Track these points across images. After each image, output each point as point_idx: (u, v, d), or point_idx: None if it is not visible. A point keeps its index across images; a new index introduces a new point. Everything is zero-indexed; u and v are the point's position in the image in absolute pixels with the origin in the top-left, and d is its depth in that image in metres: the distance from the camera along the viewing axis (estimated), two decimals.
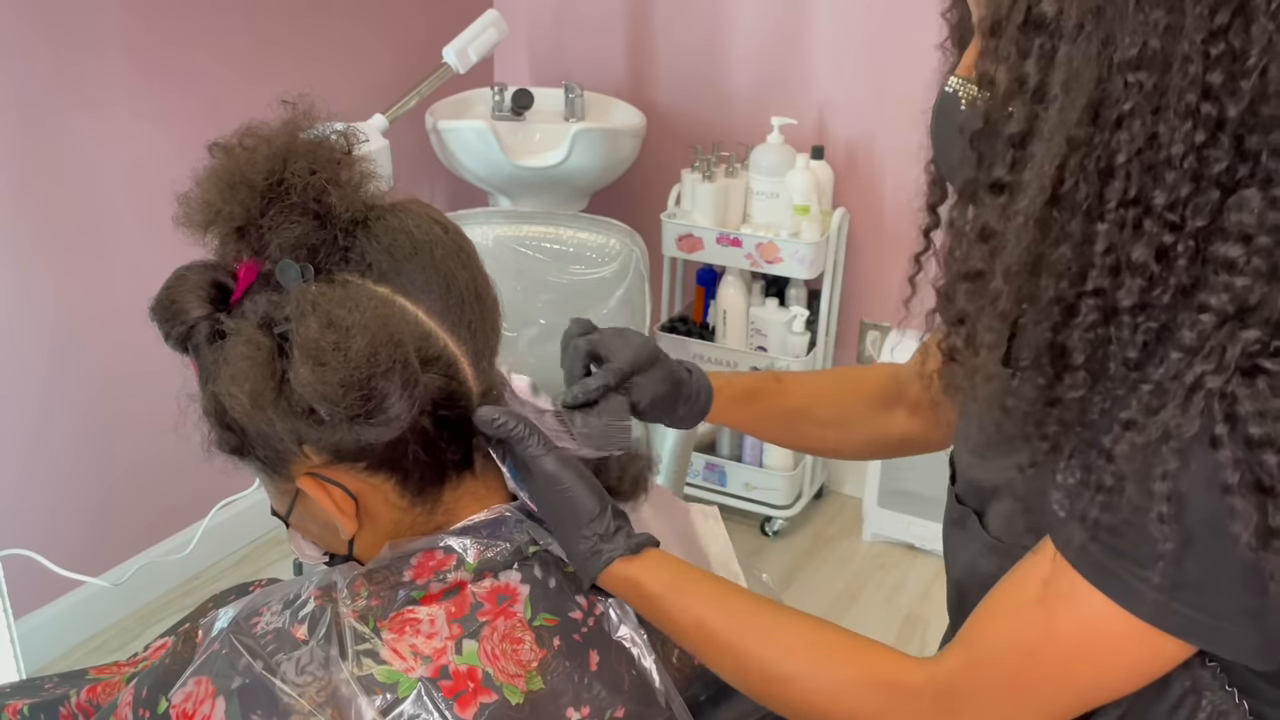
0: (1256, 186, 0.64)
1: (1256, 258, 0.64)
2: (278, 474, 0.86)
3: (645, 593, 0.84)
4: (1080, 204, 0.67)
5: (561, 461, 0.85)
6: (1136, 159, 0.65)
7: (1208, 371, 0.65)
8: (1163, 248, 0.66)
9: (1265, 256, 0.64)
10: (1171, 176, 0.65)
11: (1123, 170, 0.66)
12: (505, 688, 0.80)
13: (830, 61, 2.69)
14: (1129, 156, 0.66)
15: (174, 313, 0.83)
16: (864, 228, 2.75)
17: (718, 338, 2.76)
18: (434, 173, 2.84)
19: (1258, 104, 0.64)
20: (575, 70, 2.91)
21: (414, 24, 2.75)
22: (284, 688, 0.78)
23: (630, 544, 0.85)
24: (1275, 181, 0.64)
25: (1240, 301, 0.65)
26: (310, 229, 0.81)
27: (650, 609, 0.85)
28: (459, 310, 0.84)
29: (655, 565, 0.85)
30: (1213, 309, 0.66)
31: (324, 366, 0.75)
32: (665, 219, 2.67)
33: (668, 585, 0.84)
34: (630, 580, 0.84)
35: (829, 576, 2.63)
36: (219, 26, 2.29)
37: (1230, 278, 0.65)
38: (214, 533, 2.11)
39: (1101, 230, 0.67)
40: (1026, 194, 0.69)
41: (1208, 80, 0.64)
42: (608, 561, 0.84)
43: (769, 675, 0.82)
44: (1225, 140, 0.64)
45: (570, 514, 0.85)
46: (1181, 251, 0.66)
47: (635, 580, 0.84)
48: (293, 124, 0.84)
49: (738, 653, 0.83)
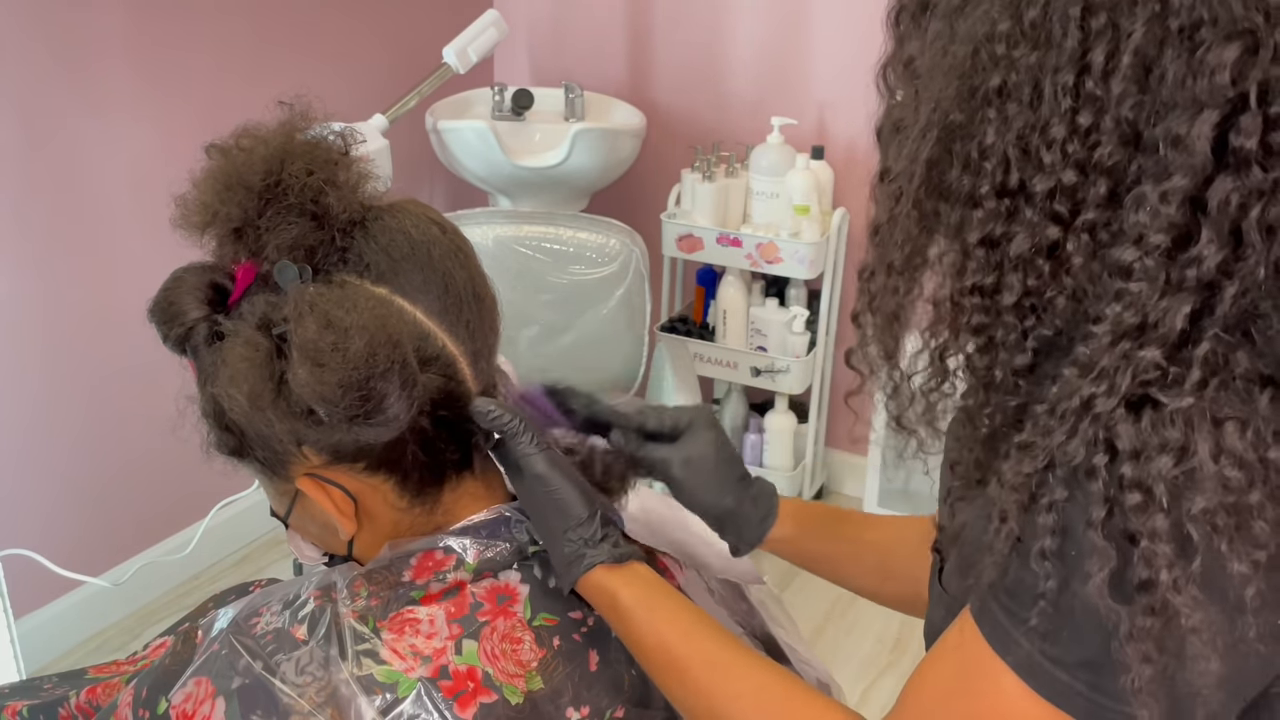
0: (1152, 180, 0.58)
1: (1149, 260, 0.58)
2: (277, 475, 0.86)
3: (618, 605, 0.82)
4: (958, 192, 0.63)
5: (552, 462, 0.83)
6: (1014, 142, 0.60)
7: (1098, 395, 0.59)
8: (1047, 241, 0.61)
9: (1159, 260, 0.57)
10: (1051, 160, 0.60)
11: (998, 153, 0.61)
12: (505, 688, 0.80)
13: (830, 61, 2.69)
14: (1002, 138, 0.61)
15: (172, 314, 0.83)
16: (864, 228, 2.74)
17: (718, 338, 2.76)
18: (434, 173, 2.84)
19: (1152, 87, 0.58)
20: (575, 70, 2.91)
21: (414, 24, 2.75)
22: (284, 688, 0.78)
23: (615, 553, 0.83)
24: (1170, 173, 0.57)
25: (1137, 312, 0.58)
26: (308, 230, 0.81)
27: (620, 622, 0.83)
28: (457, 310, 0.84)
29: (634, 579, 0.83)
30: (1107, 319, 0.59)
31: (322, 367, 0.75)
32: (665, 219, 2.67)
33: (640, 601, 0.82)
34: (607, 590, 0.82)
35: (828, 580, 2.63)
36: (219, 27, 2.29)
37: (1125, 284, 0.58)
38: (214, 533, 2.11)
39: (977, 218, 0.62)
40: (900, 178, 0.65)
41: (1087, 58, 0.58)
42: (589, 566, 0.82)
43: (715, 714, 0.79)
44: (1109, 123, 0.58)
45: (557, 515, 0.83)
46: (1074, 249, 0.60)
47: (611, 591, 0.82)
48: (290, 125, 0.84)
49: (688, 684, 0.80)
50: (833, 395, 2.90)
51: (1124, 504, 0.58)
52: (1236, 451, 0.57)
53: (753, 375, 2.70)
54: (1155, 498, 0.57)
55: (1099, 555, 0.59)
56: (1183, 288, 0.57)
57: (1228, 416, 0.58)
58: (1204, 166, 0.56)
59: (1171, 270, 0.57)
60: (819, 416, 2.83)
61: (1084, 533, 0.59)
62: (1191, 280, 0.57)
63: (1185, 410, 0.57)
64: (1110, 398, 0.59)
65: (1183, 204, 0.57)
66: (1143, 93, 0.58)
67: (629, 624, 0.82)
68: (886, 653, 2.41)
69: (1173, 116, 0.57)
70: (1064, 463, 0.60)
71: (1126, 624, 0.59)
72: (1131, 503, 0.58)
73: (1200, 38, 0.56)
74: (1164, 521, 0.57)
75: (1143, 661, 0.59)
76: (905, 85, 0.66)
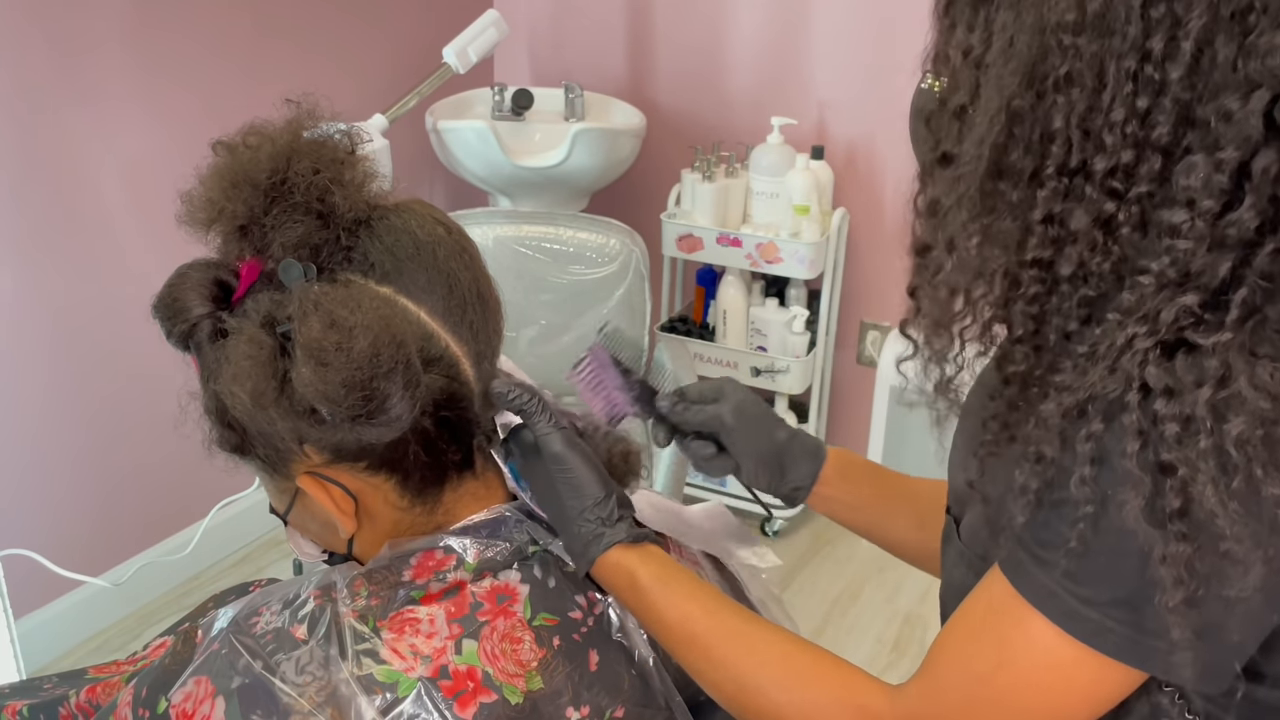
0: (1204, 151, 0.63)
1: (1200, 221, 0.63)
2: (278, 473, 0.86)
3: (637, 583, 0.84)
4: (1021, 172, 0.67)
5: (569, 442, 0.85)
6: (1076, 125, 0.65)
7: (1139, 334, 0.64)
8: (1104, 215, 0.66)
9: (1208, 221, 0.63)
10: (1112, 142, 0.64)
11: (1062, 136, 0.65)
12: (505, 687, 0.80)
13: (830, 61, 2.69)
14: (1066, 122, 0.65)
15: (176, 310, 0.83)
16: (864, 228, 2.75)
17: (718, 338, 2.76)
18: (434, 173, 2.84)
19: (1204, 70, 0.62)
20: (575, 70, 2.91)
21: (414, 24, 2.75)
22: (284, 687, 0.78)
23: (634, 533, 0.85)
24: (1222, 145, 0.62)
25: (1182, 267, 0.63)
26: (313, 228, 0.81)
27: (639, 601, 0.84)
28: (461, 311, 0.84)
29: (650, 558, 0.85)
30: (1153, 273, 0.64)
31: (326, 366, 0.75)
32: (665, 219, 2.67)
33: (659, 578, 0.84)
34: (625, 568, 0.84)
35: (829, 577, 2.63)
36: (219, 24, 2.29)
37: (1173, 241, 0.63)
38: (214, 533, 2.11)
39: (1041, 197, 0.66)
40: (968, 161, 0.69)
41: (1148, 45, 0.62)
42: (608, 545, 0.84)
43: (741, 684, 0.82)
44: (1167, 104, 0.63)
45: (573, 495, 0.84)
46: (1124, 220, 0.65)
47: (630, 569, 0.84)
48: (296, 123, 0.85)
49: (715, 657, 0.83)
50: (832, 395, 2.90)
51: (1161, 436, 0.63)
52: (1269, 387, 0.62)
53: (753, 375, 2.71)
54: (1195, 424, 0.62)
55: (1134, 484, 0.63)
56: (1225, 245, 0.63)
57: (1263, 355, 0.63)
58: (1254, 139, 0.61)
59: (1215, 230, 0.63)
60: (819, 416, 2.83)
61: (1119, 462, 0.64)
62: (1234, 238, 0.63)
63: (1225, 343, 0.63)
64: (1150, 337, 0.64)
65: (1233, 173, 0.62)
66: (1195, 74, 0.63)
67: (649, 601, 0.83)
68: (886, 653, 2.41)
69: (1225, 95, 0.62)
70: (1101, 396, 0.65)
71: (1160, 548, 0.63)
72: (1169, 434, 0.62)
73: (1250, 23, 0.61)
74: (1207, 443, 0.62)
75: (1175, 584, 0.63)
76: (962, 73, 0.70)
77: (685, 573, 0.85)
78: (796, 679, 0.80)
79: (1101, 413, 0.65)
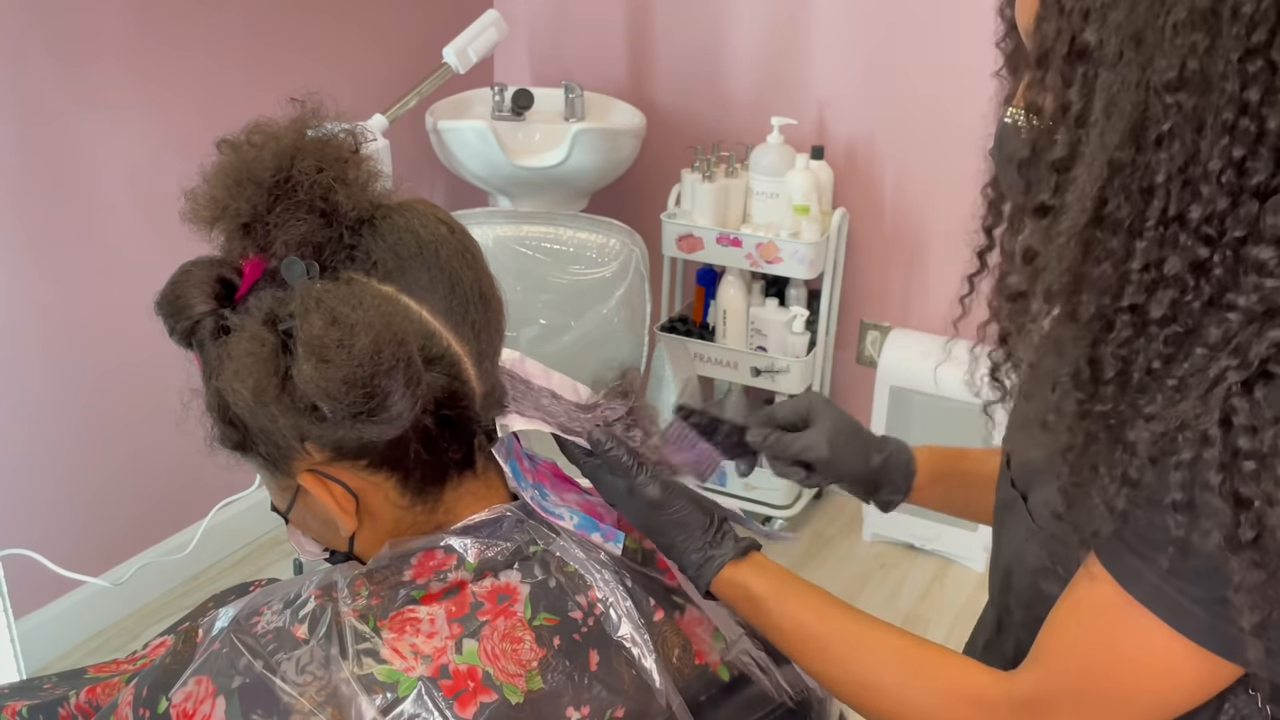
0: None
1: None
2: (279, 470, 0.86)
3: (752, 595, 0.89)
4: (1121, 223, 0.69)
5: (666, 486, 0.90)
6: (1176, 177, 0.67)
7: (1230, 367, 0.67)
8: (1198, 260, 0.68)
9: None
10: (1208, 191, 0.66)
11: (1162, 189, 0.67)
12: (505, 687, 0.80)
13: (830, 61, 2.69)
14: (1168, 175, 0.67)
15: (179, 307, 0.83)
16: (864, 228, 2.75)
17: (718, 338, 2.76)
18: (434, 173, 2.84)
19: None
20: (575, 70, 2.91)
21: (414, 24, 2.75)
22: (284, 687, 0.78)
23: (738, 548, 0.90)
24: None
25: (1269, 303, 0.66)
26: (316, 226, 0.82)
27: (755, 612, 0.90)
28: (463, 310, 0.84)
29: (759, 569, 0.90)
30: (1240, 309, 0.67)
31: (327, 364, 0.75)
32: (665, 219, 2.67)
33: (771, 590, 0.89)
34: (739, 584, 0.89)
35: (829, 576, 2.63)
36: (218, 26, 2.29)
37: (1260, 279, 0.66)
38: (214, 533, 2.11)
39: (1140, 247, 0.68)
40: (1069, 215, 0.71)
41: (1245, 97, 0.64)
42: (719, 567, 0.89)
43: (865, 684, 0.87)
44: (1264, 152, 0.65)
45: (680, 533, 0.90)
46: (1217, 262, 0.67)
47: (743, 584, 0.89)
48: (300, 122, 0.85)
49: (835, 659, 0.88)
50: (832, 395, 2.90)
51: (1239, 471, 0.66)
52: None
53: (753, 375, 2.70)
54: (1270, 464, 0.65)
55: (1215, 514, 0.67)
56: None
57: None
58: None
59: None
60: None
61: (1201, 493, 0.68)
62: None
63: None
64: (1242, 370, 0.67)
65: None
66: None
67: (764, 612, 0.89)
68: None
69: None
70: (1194, 425, 0.68)
71: (1237, 575, 0.68)
72: (1247, 470, 0.66)
73: None
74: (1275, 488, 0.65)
75: (1251, 610, 0.68)
76: (1061, 128, 0.72)
77: (794, 579, 0.90)
78: (913, 674, 0.85)
79: (1190, 443, 0.68)
